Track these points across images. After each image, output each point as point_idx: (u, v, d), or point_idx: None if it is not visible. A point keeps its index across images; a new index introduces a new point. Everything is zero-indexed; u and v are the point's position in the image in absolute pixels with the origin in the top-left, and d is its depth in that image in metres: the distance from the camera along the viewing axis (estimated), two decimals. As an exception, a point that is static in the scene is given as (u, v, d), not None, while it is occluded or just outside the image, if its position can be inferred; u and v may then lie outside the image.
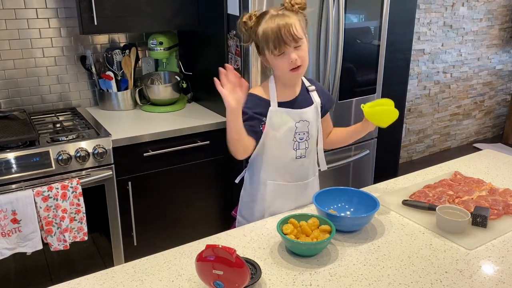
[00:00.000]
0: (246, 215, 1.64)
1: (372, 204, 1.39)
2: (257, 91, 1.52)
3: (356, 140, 2.68)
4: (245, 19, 1.46)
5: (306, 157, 1.56)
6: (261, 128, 1.49)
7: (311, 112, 1.53)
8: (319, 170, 1.68)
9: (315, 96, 1.56)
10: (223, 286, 1.04)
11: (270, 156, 1.52)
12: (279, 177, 1.56)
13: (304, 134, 1.52)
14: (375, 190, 1.67)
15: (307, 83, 1.57)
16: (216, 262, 1.02)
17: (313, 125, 1.54)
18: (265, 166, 1.55)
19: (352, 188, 1.50)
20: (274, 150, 1.52)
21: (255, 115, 1.47)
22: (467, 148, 4.74)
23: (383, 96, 2.76)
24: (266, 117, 1.48)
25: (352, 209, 1.46)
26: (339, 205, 1.47)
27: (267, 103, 1.48)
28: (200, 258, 1.05)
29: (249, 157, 1.55)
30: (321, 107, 1.58)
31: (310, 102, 1.54)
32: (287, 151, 1.52)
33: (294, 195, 1.58)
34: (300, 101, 1.52)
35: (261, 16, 1.43)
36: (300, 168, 1.57)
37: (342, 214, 1.44)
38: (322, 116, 1.61)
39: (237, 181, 1.68)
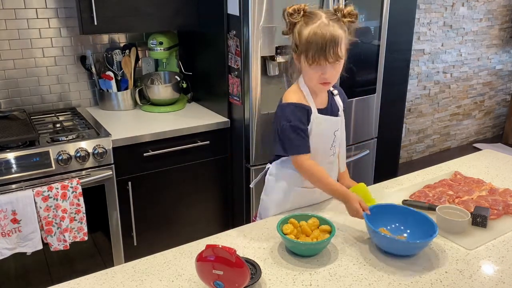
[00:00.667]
0: (265, 217, 1.59)
1: (429, 226, 1.26)
2: (295, 98, 1.43)
3: (356, 140, 2.71)
4: (292, 11, 1.38)
5: (333, 163, 1.55)
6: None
7: (342, 120, 1.53)
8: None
9: (339, 100, 1.54)
10: (223, 286, 1.04)
11: None
12: (308, 182, 1.49)
13: (337, 141, 1.51)
14: (375, 190, 1.67)
15: (330, 87, 1.53)
16: (216, 262, 1.02)
17: (342, 130, 1.54)
18: (297, 173, 1.49)
19: (406, 207, 1.41)
20: (313, 157, 1.45)
21: (306, 128, 1.42)
22: (467, 148, 4.74)
23: (383, 96, 2.76)
24: (308, 125, 1.43)
25: (408, 231, 1.32)
26: (393, 225, 1.34)
27: (308, 110, 1.42)
28: (200, 258, 1.05)
29: (266, 162, 1.56)
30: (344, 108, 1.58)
31: (337, 108, 1.52)
32: (326, 157, 1.50)
33: (315, 198, 1.56)
34: (332, 108, 1.50)
35: (310, 17, 1.37)
36: (330, 172, 1.52)
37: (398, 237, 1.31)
38: None
39: (252, 185, 1.65)
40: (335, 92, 1.55)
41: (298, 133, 1.41)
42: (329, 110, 1.49)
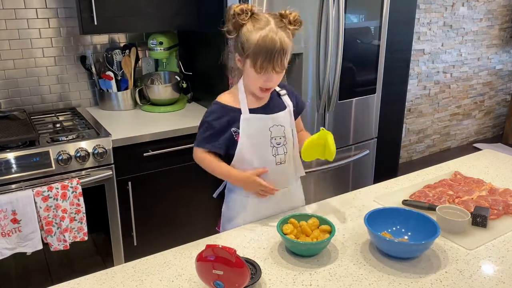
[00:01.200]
0: (229, 229, 1.54)
1: (430, 227, 1.26)
2: (225, 99, 1.46)
3: (356, 140, 2.71)
4: (239, 11, 1.35)
5: (286, 163, 1.49)
6: (235, 139, 1.43)
7: (285, 116, 1.48)
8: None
9: (287, 100, 1.52)
10: (223, 286, 1.04)
11: (249, 166, 1.44)
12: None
13: (280, 138, 1.46)
14: (375, 190, 1.67)
15: (277, 88, 1.52)
16: (216, 262, 1.02)
17: (288, 129, 1.49)
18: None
19: (407, 209, 1.40)
20: (253, 159, 1.44)
21: (224, 129, 1.42)
22: (467, 148, 4.74)
23: (383, 96, 2.76)
24: (237, 126, 1.42)
25: (409, 233, 1.32)
26: (394, 228, 1.33)
27: (237, 112, 1.42)
28: (200, 258, 1.05)
29: None
30: (294, 110, 1.53)
31: (282, 107, 1.49)
32: (266, 158, 1.45)
33: (276, 203, 1.51)
34: (272, 106, 1.48)
35: (258, 20, 1.34)
36: (281, 175, 1.50)
37: (399, 239, 1.30)
38: (294, 119, 1.54)
39: (215, 195, 1.61)
40: (283, 92, 1.53)
41: (205, 128, 1.44)
42: (266, 108, 1.46)
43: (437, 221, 1.30)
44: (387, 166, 3.07)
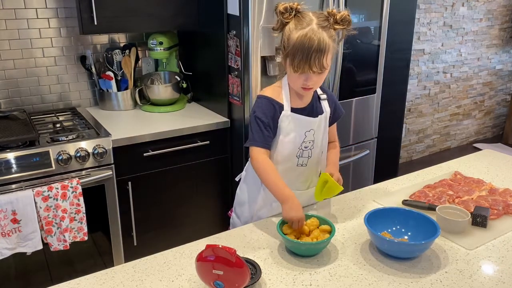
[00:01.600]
0: (239, 214, 1.62)
1: (430, 227, 1.26)
2: (269, 93, 1.46)
3: (356, 140, 2.71)
4: (283, 10, 1.34)
5: (307, 166, 1.50)
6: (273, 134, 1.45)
7: (320, 122, 1.49)
8: None
9: (325, 105, 1.52)
10: (223, 286, 1.04)
11: (271, 160, 1.45)
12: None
13: (309, 143, 1.47)
14: (375, 190, 1.67)
15: (319, 91, 1.52)
16: (216, 262, 1.02)
17: (320, 134, 1.49)
18: None
19: (406, 209, 1.39)
20: (277, 155, 1.46)
21: (271, 122, 1.42)
22: (467, 148, 4.74)
23: (383, 96, 2.76)
24: (278, 121, 1.43)
25: (409, 233, 1.32)
26: (394, 228, 1.33)
27: (280, 107, 1.43)
28: (200, 258, 1.05)
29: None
30: (330, 116, 1.54)
31: (320, 111, 1.50)
32: (290, 158, 1.47)
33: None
34: (312, 109, 1.48)
35: (301, 19, 1.33)
36: (299, 177, 1.51)
37: (399, 239, 1.30)
38: (329, 125, 1.55)
39: (237, 179, 1.65)
40: (323, 96, 1.52)
41: (258, 125, 1.41)
42: (308, 111, 1.46)
43: (437, 221, 1.30)
44: (387, 166, 3.07)
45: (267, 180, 1.40)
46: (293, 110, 1.44)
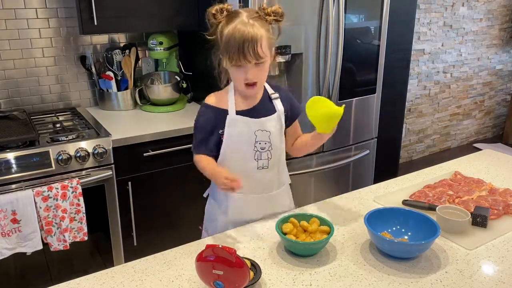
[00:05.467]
0: (210, 229, 1.55)
1: (430, 227, 1.26)
2: (212, 100, 1.44)
3: (356, 140, 2.71)
4: (215, 11, 1.34)
5: (269, 168, 1.45)
6: (218, 140, 1.42)
7: (273, 122, 1.44)
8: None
9: (278, 104, 1.46)
10: (223, 286, 1.04)
11: (231, 167, 1.41)
12: (244, 189, 1.43)
13: (265, 143, 1.42)
14: (375, 190, 1.67)
15: (270, 90, 1.47)
16: (216, 262, 1.02)
17: (275, 135, 1.44)
18: None
19: (407, 209, 1.39)
20: (235, 161, 1.43)
21: (210, 130, 1.41)
22: (467, 148, 4.74)
23: (383, 96, 2.76)
24: (223, 127, 1.40)
25: (409, 233, 1.31)
26: (394, 228, 1.33)
27: (224, 113, 1.40)
28: (200, 258, 1.05)
29: None
30: (286, 115, 1.48)
31: (272, 111, 1.45)
32: (248, 162, 1.43)
33: (258, 207, 1.49)
34: (260, 110, 1.43)
35: (232, 16, 1.33)
36: (262, 180, 1.46)
37: (399, 239, 1.29)
38: (289, 124, 1.51)
39: (205, 195, 1.61)
40: (275, 95, 1.47)
41: (196, 132, 1.44)
42: (255, 111, 1.42)
43: (437, 221, 1.30)
44: (387, 166, 3.07)
45: (205, 170, 1.41)
46: (239, 112, 1.41)
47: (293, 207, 1.59)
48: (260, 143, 1.42)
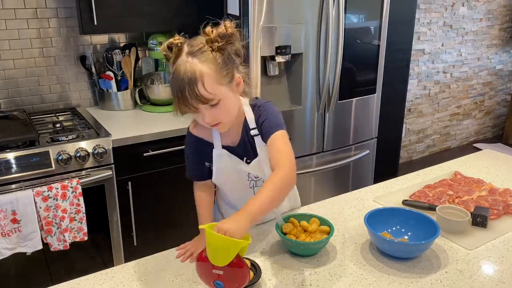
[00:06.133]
0: None
1: (430, 227, 1.25)
2: (196, 130, 1.33)
3: (356, 140, 2.71)
4: (165, 52, 1.15)
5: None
6: (211, 169, 1.33)
7: (258, 165, 1.29)
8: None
9: (259, 141, 1.26)
10: (223, 286, 1.04)
11: (228, 195, 1.40)
12: (232, 208, 1.43)
13: (259, 172, 1.32)
14: (375, 190, 1.67)
15: (251, 122, 1.27)
16: None
17: (265, 171, 1.27)
18: (223, 202, 1.47)
19: (407, 209, 1.38)
20: (231, 191, 1.39)
21: (199, 157, 1.34)
22: (467, 148, 4.74)
23: (383, 96, 2.76)
24: (209, 160, 1.32)
25: (409, 233, 1.31)
26: (394, 228, 1.32)
27: (209, 146, 1.30)
28: (200, 258, 1.05)
29: None
30: (265, 138, 1.25)
31: (254, 153, 1.29)
32: (244, 190, 1.35)
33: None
34: (245, 148, 1.29)
35: (180, 52, 1.13)
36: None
37: (399, 239, 1.29)
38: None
39: None
40: (254, 132, 1.26)
41: (186, 158, 1.40)
42: (240, 149, 1.29)
43: (437, 221, 1.31)
44: (387, 166, 3.07)
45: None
46: (225, 147, 1.29)
47: (297, 206, 1.56)
48: (252, 173, 1.33)
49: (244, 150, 1.29)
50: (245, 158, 1.30)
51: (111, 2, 2.20)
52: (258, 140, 1.26)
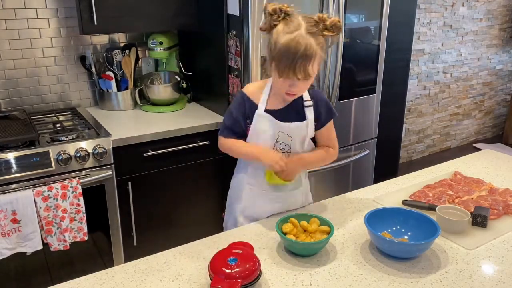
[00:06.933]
0: (227, 213, 1.64)
1: (430, 227, 1.26)
2: (250, 90, 1.47)
3: (356, 140, 2.71)
4: (272, 11, 1.31)
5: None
6: (244, 129, 1.46)
7: (299, 129, 1.45)
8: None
9: (309, 113, 1.45)
10: (237, 261, 1.08)
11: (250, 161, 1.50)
12: (256, 183, 1.52)
13: (285, 145, 1.45)
14: (375, 190, 1.67)
15: (305, 96, 1.45)
16: (235, 245, 1.16)
17: (297, 141, 1.46)
18: (245, 169, 1.54)
19: (407, 209, 1.39)
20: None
21: (240, 117, 1.45)
22: (467, 148, 4.74)
23: (383, 96, 2.76)
24: (250, 118, 1.44)
25: (409, 233, 1.31)
26: (394, 228, 1.33)
27: (255, 107, 1.43)
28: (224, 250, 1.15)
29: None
30: (316, 124, 1.48)
31: (301, 118, 1.45)
32: None
33: (270, 204, 1.51)
34: (289, 113, 1.44)
35: (290, 22, 1.29)
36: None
37: (399, 239, 1.29)
38: (318, 128, 1.49)
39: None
40: (308, 103, 1.45)
41: (228, 116, 1.48)
42: (281, 113, 1.43)
43: (437, 221, 1.31)
44: (387, 166, 3.07)
45: (237, 151, 1.48)
46: (268, 111, 1.43)
47: (308, 202, 1.62)
48: (280, 144, 1.46)
49: (287, 115, 1.43)
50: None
51: (111, 2, 2.20)
52: (308, 111, 1.45)
